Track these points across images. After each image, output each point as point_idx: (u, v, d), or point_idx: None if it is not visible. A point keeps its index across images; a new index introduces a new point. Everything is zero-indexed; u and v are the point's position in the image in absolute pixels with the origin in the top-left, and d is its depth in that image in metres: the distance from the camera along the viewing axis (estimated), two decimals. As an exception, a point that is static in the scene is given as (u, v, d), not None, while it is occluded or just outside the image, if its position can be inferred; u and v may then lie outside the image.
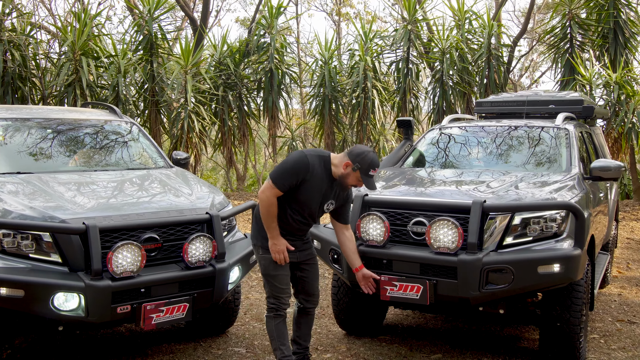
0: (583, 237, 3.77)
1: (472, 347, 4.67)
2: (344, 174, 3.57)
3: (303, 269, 3.87)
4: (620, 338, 4.99)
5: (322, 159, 3.59)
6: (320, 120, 10.47)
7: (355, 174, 3.54)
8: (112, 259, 3.58)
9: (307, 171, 3.51)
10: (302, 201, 3.63)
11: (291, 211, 3.67)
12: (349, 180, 3.58)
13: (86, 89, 8.68)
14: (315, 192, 3.60)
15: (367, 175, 3.52)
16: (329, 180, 3.63)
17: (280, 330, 3.78)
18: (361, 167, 3.51)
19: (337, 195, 3.73)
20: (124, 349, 4.59)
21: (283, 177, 3.51)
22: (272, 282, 3.75)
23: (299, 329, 3.99)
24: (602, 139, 7.14)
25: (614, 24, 10.26)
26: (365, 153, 3.53)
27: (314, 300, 3.94)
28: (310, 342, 4.07)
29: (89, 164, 5.10)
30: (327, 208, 3.74)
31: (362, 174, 3.52)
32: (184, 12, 13.03)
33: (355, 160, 3.52)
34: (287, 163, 3.56)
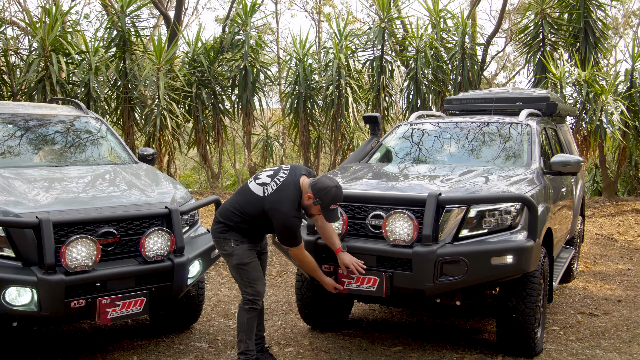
0: (536, 229, 3.82)
1: (434, 340, 4.72)
2: (308, 205, 3.69)
3: (260, 258, 3.99)
4: (579, 330, 5.08)
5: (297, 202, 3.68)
6: (295, 118, 10.47)
7: (317, 207, 3.66)
8: (65, 253, 3.56)
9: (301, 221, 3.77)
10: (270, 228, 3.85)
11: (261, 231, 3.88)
12: (312, 210, 3.72)
13: (56, 86, 8.58)
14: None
15: (327, 209, 3.65)
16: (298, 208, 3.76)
17: (250, 324, 3.84)
18: (322, 202, 3.63)
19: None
20: (85, 345, 4.56)
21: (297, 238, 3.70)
22: (247, 270, 3.81)
23: None
24: (569, 136, 7.25)
25: (584, 23, 10.42)
26: (328, 190, 3.61)
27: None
28: (263, 332, 4.11)
29: (52, 159, 5.06)
30: None
31: (322, 209, 3.65)
32: (157, 9, 12.94)
33: (317, 195, 3.63)
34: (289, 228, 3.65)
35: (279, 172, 3.79)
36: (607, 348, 4.61)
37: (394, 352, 4.46)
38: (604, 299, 6.10)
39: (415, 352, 4.43)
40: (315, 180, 3.69)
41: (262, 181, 3.79)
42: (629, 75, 10.48)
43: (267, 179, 3.77)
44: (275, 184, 3.71)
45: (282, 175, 3.76)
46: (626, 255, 8.18)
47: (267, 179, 3.78)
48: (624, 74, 10.65)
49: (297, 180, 3.71)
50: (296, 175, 3.73)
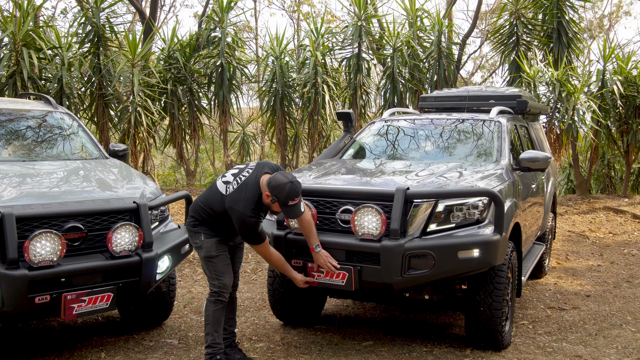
0: (502, 223, 3.88)
1: (405, 335, 4.75)
2: (267, 203, 3.69)
3: (234, 252, 4.01)
4: (548, 324, 5.16)
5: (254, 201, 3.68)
6: (272, 116, 10.45)
7: (276, 205, 3.66)
8: (29, 247, 3.50)
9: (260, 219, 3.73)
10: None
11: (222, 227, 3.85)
12: (273, 208, 3.71)
13: (28, 81, 8.43)
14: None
15: (285, 206, 3.63)
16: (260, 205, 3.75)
17: (216, 316, 3.84)
18: (279, 200, 3.62)
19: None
20: (53, 343, 4.50)
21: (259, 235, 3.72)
22: (215, 262, 3.82)
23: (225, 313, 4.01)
24: (541, 134, 7.36)
25: (557, 24, 10.59)
26: (282, 186, 3.59)
27: (235, 282, 4.05)
28: (235, 327, 4.10)
29: (21, 154, 4.97)
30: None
31: (281, 205, 3.64)
32: (133, 5, 12.80)
33: (273, 193, 3.62)
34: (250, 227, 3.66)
35: (243, 171, 3.81)
36: (573, 341, 4.69)
37: (364, 346, 4.48)
38: (574, 294, 6.21)
39: (386, 346, 4.45)
40: (271, 178, 3.66)
41: (226, 179, 3.81)
42: (600, 75, 10.68)
43: (231, 177, 3.80)
44: (236, 182, 3.73)
45: (244, 174, 3.77)
46: (597, 252, 8.34)
47: (231, 177, 3.80)
48: (596, 74, 10.85)
49: (258, 179, 3.71)
50: (258, 174, 3.73)
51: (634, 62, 11.19)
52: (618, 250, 8.40)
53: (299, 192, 3.64)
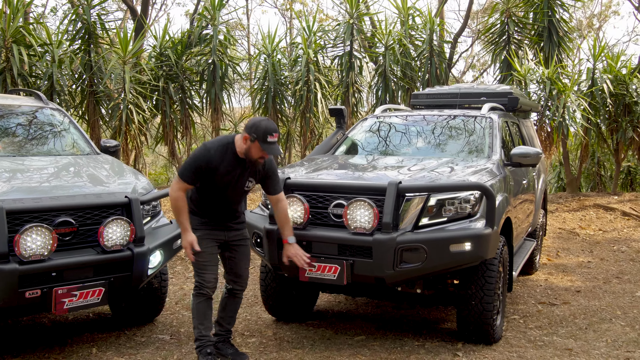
0: (493, 217, 3.90)
1: (397, 329, 4.77)
2: (246, 148, 3.62)
3: (232, 249, 3.91)
4: (539, 318, 5.20)
5: (227, 146, 3.66)
6: (264, 113, 10.44)
7: (255, 144, 3.57)
8: (19, 241, 3.48)
9: (210, 161, 3.59)
10: (219, 187, 3.70)
11: (212, 198, 3.75)
12: (253, 153, 3.61)
13: (18, 78, 8.37)
14: (229, 177, 3.67)
15: (265, 142, 3.54)
16: (240, 162, 3.69)
17: (200, 309, 3.79)
18: (257, 136, 3.54)
19: (255, 173, 3.78)
20: (44, 339, 4.47)
21: (188, 171, 3.61)
22: (197, 258, 3.77)
23: (223, 310, 4.01)
24: (532, 131, 7.41)
25: (548, 23, 10.65)
26: (258, 122, 3.58)
27: (241, 282, 3.96)
28: (233, 326, 4.08)
29: (12, 150, 4.94)
30: (247, 187, 3.79)
31: (260, 143, 3.55)
32: (124, 2, 12.74)
33: (251, 131, 3.56)
34: (191, 157, 3.66)
35: None
36: (564, 335, 4.73)
37: (356, 341, 4.49)
38: (564, 290, 6.26)
39: (378, 341, 4.47)
40: (247, 122, 3.69)
41: None
42: (590, 73, 10.76)
43: None
44: None
45: None
46: (587, 249, 8.41)
47: None
48: (586, 73, 10.93)
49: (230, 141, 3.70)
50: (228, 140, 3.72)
51: (623, 61, 11.29)
52: (608, 247, 8.48)
53: (276, 127, 3.60)
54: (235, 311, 4.05)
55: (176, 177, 3.65)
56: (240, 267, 3.94)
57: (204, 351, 3.77)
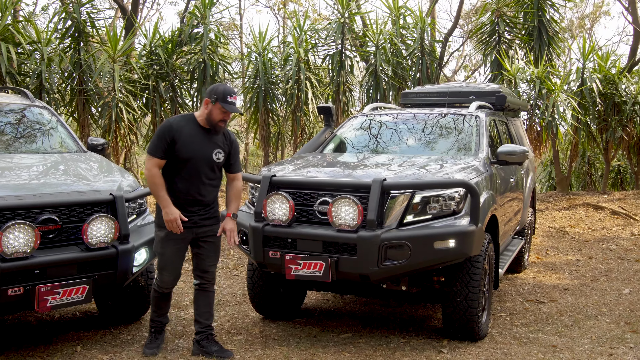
0: (478, 214, 3.91)
1: (383, 327, 4.78)
2: (207, 112, 3.79)
3: (200, 245, 3.94)
4: (525, 316, 5.22)
5: (187, 117, 3.87)
6: (254, 112, 10.43)
7: (216, 106, 3.74)
8: (1, 239, 3.46)
9: (172, 130, 3.73)
10: (185, 159, 3.76)
11: (181, 180, 3.80)
12: (214, 115, 3.76)
13: (6, 76, 8.32)
14: (194, 146, 3.77)
15: (225, 102, 3.72)
16: (202, 131, 3.83)
17: (156, 302, 4.07)
18: (218, 97, 3.73)
19: (221, 144, 3.88)
20: (29, 338, 4.45)
21: (154, 145, 3.75)
22: (159, 257, 3.92)
23: (198, 307, 4.03)
24: (521, 130, 7.44)
25: (538, 22, 10.70)
26: (217, 86, 3.83)
27: (207, 277, 3.99)
28: (212, 321, 4.08)
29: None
30: (217, 158, 3.85)
31: (221, 103, 3.71)
32: (114, 0, 12.69)
33: (211, 94, 3.76)
34: (155, 134, 3.79)
35: None
36: (549, 332, 4.75)
37: (342, 338, 4.49)
38: (552, 288, 6.28)
39: (364, 338, 4.47)
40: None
41: None
42: (579, 73, 10.81)
43: None
44: None
45: None
46: (576, 247, 8.45)
47: None
48: (575, 72, 10.98)
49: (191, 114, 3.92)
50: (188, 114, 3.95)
51: (613, 61, 11.35)
52: (597, 245, 8.52)
53: (234, 90, 3.80)
54: (210, 305, 4.05)
55: (147, 157, 3.77)
56: (206, 264, 3.98)
57: (152, 331, 4.12)
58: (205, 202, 3.87)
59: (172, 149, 3.72)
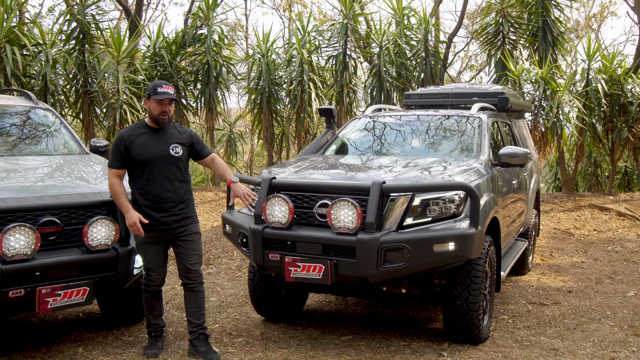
0: (478, 216, 3.89)
1: (384, 329, 4.77)
2: (148, 110, 3.95)
3: (178, 244, 3.99)
4: (528, 318, 5.19)
5: (138, 124, 4.05)
6: (258, 113, 10.44)
7: (151, 100, 3.91)
8: (2, 241, 3.49)
9: (123, 140, 3.88)
10: (143, 161, 3.86)
11: (147, 183, 3.88)
12: (153, 110, 3.91)
13: (11, 78, 8.39)
14: (146, 147, 3.88)
15: (156, 93, 3.89)
16: (153, 132, 3.95)
17: (149, 302, 4.13)
18: (149, 92, 3.94)
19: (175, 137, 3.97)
20: (32, 339, 4.47)
21: (110, 158, 3.94)
22: (143, 259, 4.01)
23: (188, 307, 4.08)
24: (525, 131, 7.41)
25: (543, 23, 10.64)
26: (150, 84, 4.09)
27: (191, 277, 4.03)
28: (203, 320, 4.09)
29: (2, 149, 4.94)
30: (175, 152, 3.93)
31: (153, 96, 3.89)
32: (118, 2, 12.74)
33: (145, 94, 4.01)
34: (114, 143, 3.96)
35: None
36: (551, 335, 4.72)
37: (343, 340, 4.49)
38: (556, 290, 6.25)
39: (365, 341, 4.47)
40: None
41: None
42: (584, 73, 10.75)
43: None
44: None
45: None
46: (581, 249, 8.40)
47: None
48: (580, 72, 10.92)
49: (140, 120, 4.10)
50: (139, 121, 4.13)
51: (619, 61, 11.27)
52: (602, 247, 8.46)
53: (165, 82, 3.98)
54: (199, 305, 4.09)
55: (108, 170, 3.93)
56: (187, 263, 4.02)
57: (151, 335, 4.18)
58: (175, 200, 3.93)
59: (129, 156, 3.86)
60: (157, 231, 3.90)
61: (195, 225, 4.03)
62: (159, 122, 3.93)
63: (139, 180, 3.89)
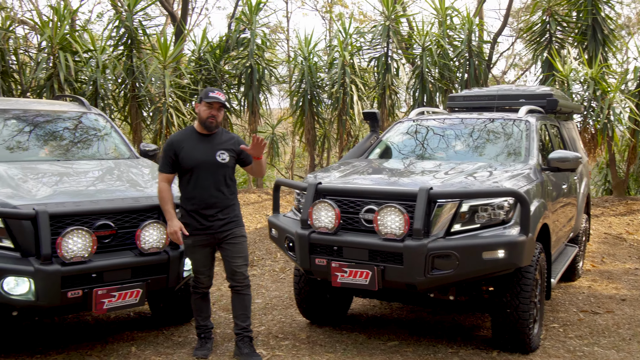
0: (528, 223, 3.81)
1: (431, 335, 4.72)
2: (198, 114, 4.06)
3: (223, 247, 4.05)
4: (579, 327, 5.05)
5: (187, 129, 4.16)
6: (300, 116, 10.51)
7: (202, 104, 4.01)
8: (61, 244, 3.63)
9: (172, 145, 4.00)
10: (190, 167, 3.96)
11: (194, 188, 3.97)
12: (202, 114, 4.01)
13: (64, 84, 8.71)
14: (194, 152, 3.98)
15: (207, 97, 3.99)
16: (202, 138, 4.05)
17: (197, 305, 4.23)
18: (201, 96, 4.05)
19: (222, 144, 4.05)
20: (86, 336, 4.64)
21: (161, 162, 4.05)
22: (192, 262, 4.10)
23: (234, 309, 4.15)
24: (574, 134, 7.19)
25: (592, 21, 10.31)
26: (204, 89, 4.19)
27: (237, 279, 4.07)
28: (248, 323, 4.14)
29: (56, 154, 5.14)
30: (222, 159, 4.00)
31: (204, 99, 4.00)
32: (164, 8, 13.06)
33: (198, 97, 4.10)
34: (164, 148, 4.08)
35: None
36: (605, 345, 4.57)
37: (389, 346, 4.47)
38: (608, 298, 6.05)
39: (411, 347, 4.44)
40: None
41: None
42: (637, 72, 10.34)
43: None
44: None
45: None
46: (634, 255, 8.10)
47: None
48: (633, 72, 10.52)
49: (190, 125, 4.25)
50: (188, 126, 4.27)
51: (674, 59, 10.81)
52: (656, 253, 8.15)
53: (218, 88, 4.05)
54: (245, 308, 4.13)
55: (158, 174, 4.05)
56: (232, 265, 4.07)
57: (200, 336, 4.27)
58: (221, 205, 4.00)
59: (177, 161, 3.97)
60: (203, 235, 3.98)
61: (240, 228, 4.10)
62: (206, 125, 4.02)
63: (187, 185, 4.00)
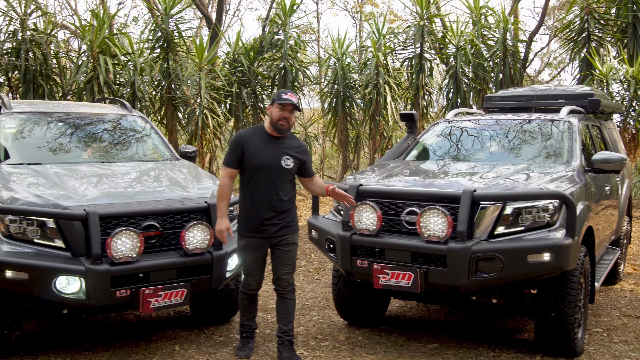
0: (574, 226, 3.76)
1: (471, 338, 4.69)
2: (270, 116, 4.03)
3: (274, 252, 4.07)
4: (624, 332, 4.94)
5: (257, 127, 4.14)
6: (333, 117, 10.54)
7: (274, 105, 3.98)
8: (111, 244, 3.73)
9: (241, 140, 4.00)
10: (254, 167, 3.95)
11: (255, 188, 3.97)
12: (274, 116, 3.98)
13: (104, 86, 8.92)
14: (260, 153, 3.96)
15: (280, 99, 3.97)
16: (270, 139, 4.02)
17: (244, 305, 4.26)
18: (274, 98, 4.03)
19: (290, 149, 4.02)
20: (130, 334, 4.75)
21: (227, 156, 4.04)
22: (243, 263, 4.13)
23: (278, 312, 4.18)
24: (615, 134, 7.04)
25: (633, 18, 10.07)
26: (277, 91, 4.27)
27: (281, 284, 4.10)
28: (290, 327, 4.16)
29: (100, 156, 5.28)
30: (286, 165, 3.98)
31: (276, 101, 3.97)
32: (200, 11, 13.24)
33: (272, 99, 4.06)
34: (228, 145, 4.10)
35: None
36: (651, 351, 4.47)
37: (430, 349, 4.46)
38: (652, 302, 5.91)
39: (452, 350, 4.41)
40: None
41: None
42: (680, 70, 10.06)
43: None
44: None
45: None
46: (676, 258, 7.88)
47: None
48: (676, 70, 10.23)
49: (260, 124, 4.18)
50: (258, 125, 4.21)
51: None
52: (700, 256, 7.91)
53: (290, 90, 4.08)
54: (287, 312, 4.13)
55: (222, 167, 4.06)
56: (279, 272, 4.09)
57: (243, 335, 4.30)
58: (278, 209, 3.98)
59: (244, 157, 3.96)
60: (257, 238, 3.99)
61: (293, 235, 4.08)
62: (277, 127, 3.97)
63: (248, 184, 3.99)
